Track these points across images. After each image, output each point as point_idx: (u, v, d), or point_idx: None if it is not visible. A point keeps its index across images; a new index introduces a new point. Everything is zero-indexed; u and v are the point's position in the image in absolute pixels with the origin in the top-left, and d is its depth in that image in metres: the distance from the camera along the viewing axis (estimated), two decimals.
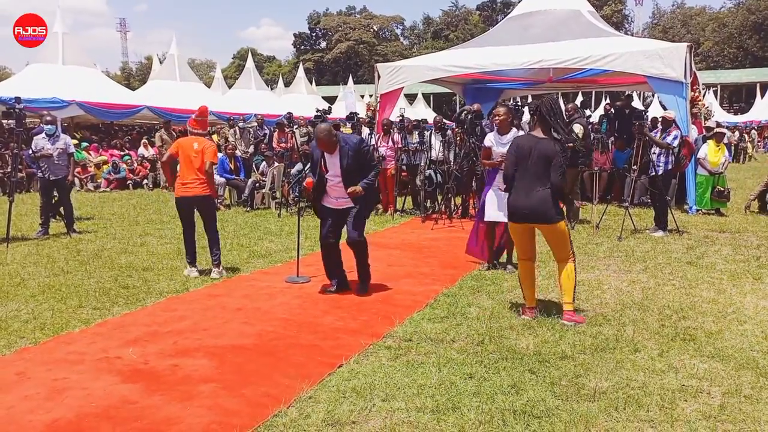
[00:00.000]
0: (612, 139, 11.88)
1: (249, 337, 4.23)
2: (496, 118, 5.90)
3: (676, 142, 8.11)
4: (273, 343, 4.11)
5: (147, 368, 3.69)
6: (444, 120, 11.20)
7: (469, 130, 8.56)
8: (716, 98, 40.59)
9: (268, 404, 3.16)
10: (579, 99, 33.11)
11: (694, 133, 10.13)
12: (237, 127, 13.73)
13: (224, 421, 3.00)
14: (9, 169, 8.78)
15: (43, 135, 8.33)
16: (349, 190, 5.07)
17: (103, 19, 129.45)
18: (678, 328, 4.32)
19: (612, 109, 13.32)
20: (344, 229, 5.30)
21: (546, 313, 4.62)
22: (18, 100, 7.92)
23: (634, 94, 32.85)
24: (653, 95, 29.00)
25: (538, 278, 5.79)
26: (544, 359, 3.73)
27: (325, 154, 5.17)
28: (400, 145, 10.32)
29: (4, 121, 12.23)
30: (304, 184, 5.16)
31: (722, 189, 9.99)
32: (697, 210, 10.02)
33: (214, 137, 14.55)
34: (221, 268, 6.05)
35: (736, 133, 25.31)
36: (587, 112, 13.26)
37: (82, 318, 4.66)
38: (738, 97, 53.46)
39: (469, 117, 8.52)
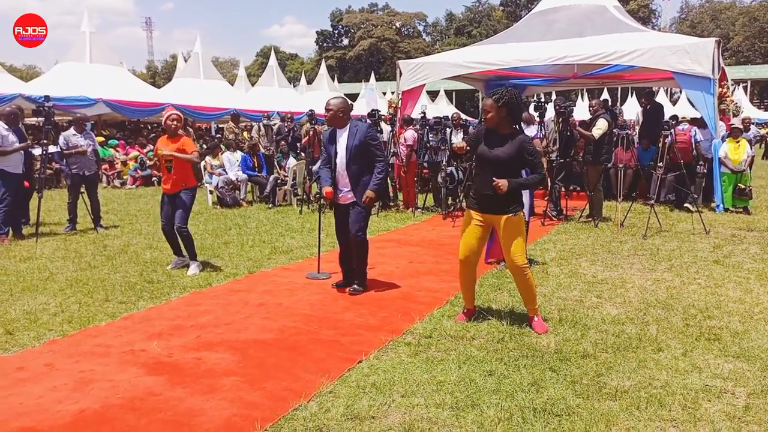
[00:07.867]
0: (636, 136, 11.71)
1: (270, 332, 4.28)
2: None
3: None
4: (294, 339, 4.15)
5: (171, 361, 3.76)
6: (463, 116, 11.14)
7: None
8: (746, 94, 39.65)
9: (288, 398, 3.20)
10: (605, 95, 32.75)
11: (722, 130, 9.95)
12: (261, 124, 13.82)
13: (246, 414, 3.05)
14: (38, 166, 8.93)
15: (74, 131, 8.49)
16: (364, 197, 5.03)
17: (129, 18, 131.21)
18: (703, 328, 4.26)
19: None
20: None
21: (569, 312, 4.59)
22: (47, 98, 8.10)
23: (662, 90, 32.33)
24: (680, 91, 28.47)
25: (557, 278, 5.74)
26: (565, 357, 3.70)
27: (338, 138, 5.11)
28: (415, 144, 10.24)
29: (34, 119, 12.46)
30: (324, 193, 5.20)
31: (743, 187, 9.81)
32: (725, 209, 9.83)
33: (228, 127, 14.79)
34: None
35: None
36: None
37: (109, 312, 4.76)
38: None
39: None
